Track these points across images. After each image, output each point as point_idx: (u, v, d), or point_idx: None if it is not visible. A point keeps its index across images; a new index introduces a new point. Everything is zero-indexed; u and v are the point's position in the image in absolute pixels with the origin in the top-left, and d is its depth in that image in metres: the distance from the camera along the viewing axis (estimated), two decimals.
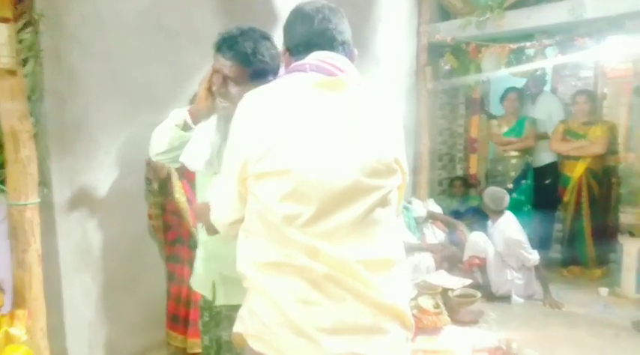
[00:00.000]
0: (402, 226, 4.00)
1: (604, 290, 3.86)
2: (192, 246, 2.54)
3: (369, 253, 1.00)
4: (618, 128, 4.36)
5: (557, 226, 4.61)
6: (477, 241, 3.87)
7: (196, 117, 1.47)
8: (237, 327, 1.09)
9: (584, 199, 4.21)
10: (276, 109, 1.04)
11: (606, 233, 4.17)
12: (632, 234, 4.00)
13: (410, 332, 1.05)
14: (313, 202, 0.98)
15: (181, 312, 2.57)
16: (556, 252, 4.53)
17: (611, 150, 4.22)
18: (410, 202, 4.45)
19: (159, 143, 1.51)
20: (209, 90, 1.43)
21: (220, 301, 1.51)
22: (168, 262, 2.66)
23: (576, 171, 4.23)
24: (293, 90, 1.06)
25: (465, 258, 3.93)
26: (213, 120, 1.48)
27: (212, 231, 1.28)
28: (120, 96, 2.43)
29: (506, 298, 3.76)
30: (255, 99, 1.08)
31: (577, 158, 4.22)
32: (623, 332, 3.18)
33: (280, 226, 0.99)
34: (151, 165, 2.48)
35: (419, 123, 4.81)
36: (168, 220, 2.63)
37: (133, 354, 2.61)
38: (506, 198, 3.95)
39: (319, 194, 0.98)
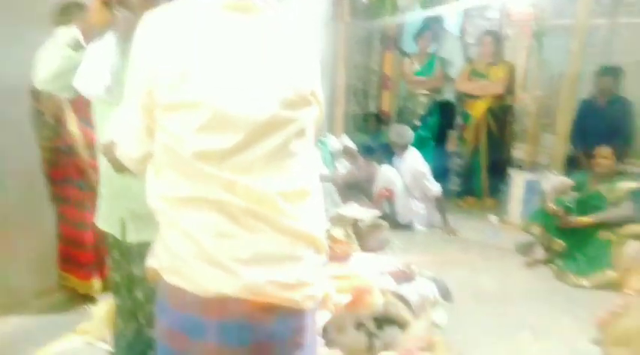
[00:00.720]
0: (317, 159, 4.09)
1: (494, 218, 4.31)
2: (82, 186, 2.39)
3: (286, 185, 1.00)
4: (517, 69, 4.67)
5: (457, 160, 4.96)
6: (386, 174, 4.09)
7: (89, 35, 1.30)
8: (151, 262, 1.06)
9: (483, 136, 4.55)
10: (184, 32, 0.96)
11: (499, 167, 4.59)
12: (520, 168, 4.45)
13: (324, 258, 1.10)
14: (229, 135, 0.94)
15: (72, 254, 2.49)
16: (454, 185, 4.91)
17: (510, 90, 4.54)
18: (325, 136, 4.52)
19: (45, 67, 1.33)
20: (105, 2, 1.27)
21: (131, 238, 1.46)
22: (56, 203, 2.49)
23: (477, 110, 4.51)
24: (200, 12, 0.98)
25: (376, 190, 4.15)
26: (109, 38, 1.32)
27: (120, 168, 1.19)
28: None
29: (409, 226, 4.07)
30: (159, 20, 0.98)
31: (478, 97, 4.49)
32: (508, 254, 3.62)
33: (194, 160, 0.95)
34: (42, 95, 2.22)
35: (335, 57, 4.78)
36: (56, 157, 2.41)
37: (31, 296, 2.48)
38: (410, 134, 4.19)
39: (235, 127, 0.94)
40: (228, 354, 0.99)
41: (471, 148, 4.63)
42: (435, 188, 4.01)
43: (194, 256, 0.96)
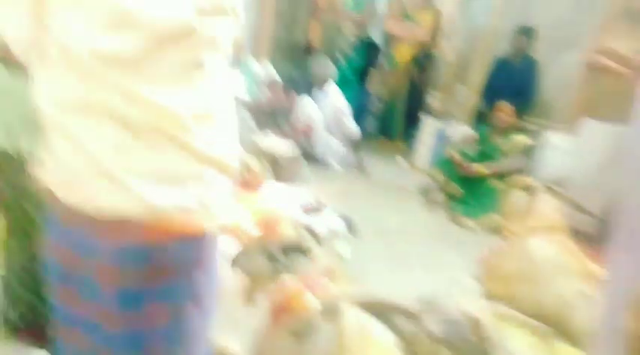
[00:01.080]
0: (239, 83, 3.96)
1: (403, 161, 4.52)
2: None
3: (193, 101, 0.93)
4: (442, 17, 4.73)
5: (376, 102, 5.04)
6: (307, 107, 4.06)
7: None
8: (39, 174, 0.96)
9: (404, 81, 4.65)
10: None
11: (415, 113, 4.75)
12: (432, 115, 4.64)
13: (233, 183, 1.07)
14: (132, 39, 0.84)
15: None
16: (370, 125, 5.03)
17: (434, 37, 4.61)
18: (248, 60, 4.34)
19: None
20: None
21: (21, 146, 1.32)
22: None
23: (402, 55, 4.57)
24: None
25: (295, 122, 4.13)
26: None
27: (8, 62, 1.04)
28: None
29: (325, 163, 4.14)
30: None
31: (404, 40, 4.52)
32: (413, 195, 3.84)
33: (92, 62, 0.84)
34: None
35: None
36: None
37: None
38: (331, 68, 4.16)
39: (140, 30, 0.84)
40: (122, 275, 0.95)
41: (392, 92, 4.72)
42: (353, 127, 4.08)
43: (88, 170, 0.88)
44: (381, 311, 1.83)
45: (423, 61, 4.64)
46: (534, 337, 1.96)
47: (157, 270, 0.97)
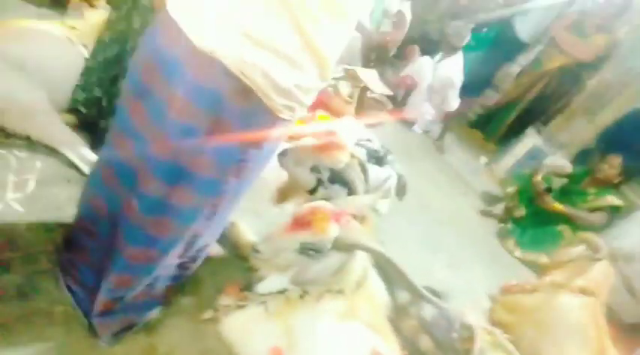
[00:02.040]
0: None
1: (483, 159, 4.30)
2: None
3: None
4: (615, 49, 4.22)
5: (493, 93, 4.72)
6: (422, 65, 3.89)
7: None
8: None
9: (537, 89, 4.32)
10: None
11: (523, 125, 4.41)
12: (538, 132, 4.32)
13: (321, 84, 1.05)
14: None
15: None
16: (473, 112, 4.77)
17: (595, 63, 4.15)
18: None
19: None
20: None
21: None
22: None
23: (552, 62, 4.19)
24: None
25: (403, 73, 3.99)
26: None
27: None
28: None
29: (409, 124, 4.03)
30: None
31: (564, 53, 4.13)
32: (475, 196, 3.68)
33: None
34: None
35: None
36: None
37: None
38: (468, 38, 3.87)
39: None
40: (190, 112, 0.98)
41: (517, 93, 4.41)
42: (454, 104, 3.89)
43: (210, 5, 0.91)
44: (389, 273, 1.81)
45: (568, 78, 4.23)
46: None
47: (219, 123, 1.00)
